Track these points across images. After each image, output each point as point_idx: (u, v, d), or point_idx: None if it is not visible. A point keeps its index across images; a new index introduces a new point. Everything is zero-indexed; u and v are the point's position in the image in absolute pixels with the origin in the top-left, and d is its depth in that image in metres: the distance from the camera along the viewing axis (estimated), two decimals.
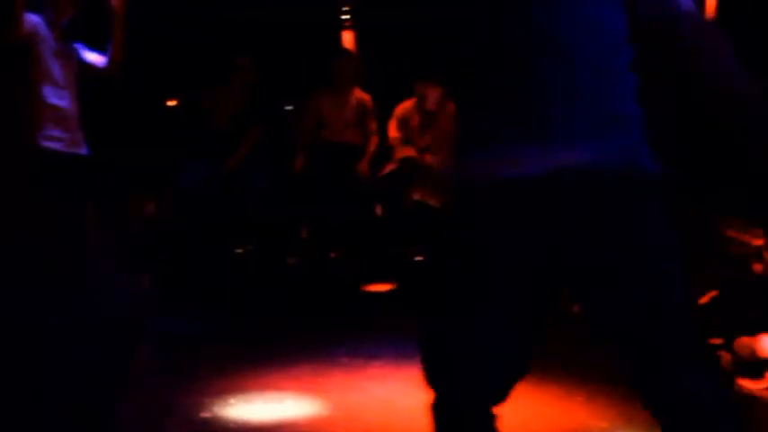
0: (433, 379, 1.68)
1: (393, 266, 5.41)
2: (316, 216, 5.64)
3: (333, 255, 5.54)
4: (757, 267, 4.03)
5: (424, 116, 5.74)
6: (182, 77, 6.59)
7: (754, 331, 3.85)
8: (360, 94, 5.83)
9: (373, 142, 5.82)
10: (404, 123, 5.79)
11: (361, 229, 5.60)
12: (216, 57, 6.01)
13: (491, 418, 1.67)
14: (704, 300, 4.18)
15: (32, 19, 3.86)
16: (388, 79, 6.37)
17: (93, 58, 4.12)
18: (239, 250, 5.74)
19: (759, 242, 3.90)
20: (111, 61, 4.09)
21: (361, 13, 7.40)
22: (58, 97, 3.93)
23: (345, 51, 6.72)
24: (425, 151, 5.66)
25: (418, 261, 5.37)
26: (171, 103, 7.05)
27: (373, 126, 5.84)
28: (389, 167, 5.69)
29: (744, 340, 3.83)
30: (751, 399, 3.63)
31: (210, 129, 5.61)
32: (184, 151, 5.69)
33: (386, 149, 5.81)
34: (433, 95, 5.72)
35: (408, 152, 5.67)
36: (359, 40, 7.30)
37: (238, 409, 3.18)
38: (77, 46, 4.11)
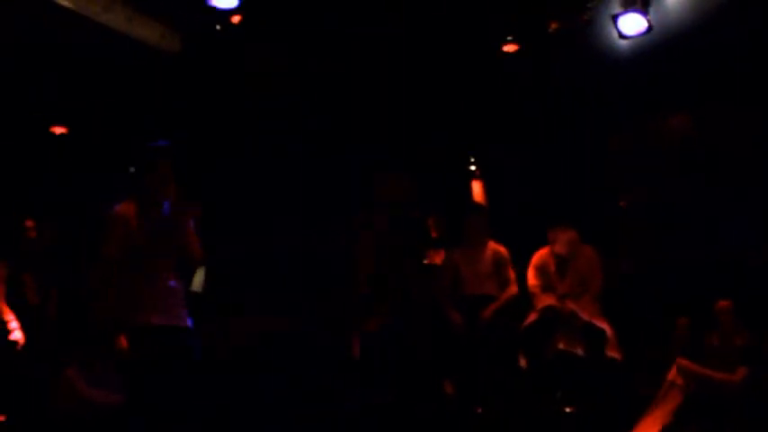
0: None
1: (542, 419, 5.24)
2: (461, 370, 5.58)
3: (479, 409, 5.43)
4: None
5: (560, 262, 5.69)
6: None
7: None
8: (494, 246, 5.87)
9: (510, 291, 5.76)
10: (541, 271, 5.75)
11: (506, 382, 5.49)
12: None
13: None
14: None
15: None
16: (521, 225, 6.43)
17: None
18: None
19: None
20: None
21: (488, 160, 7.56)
22: None
23: (476, 206, 6.82)
24: (565, 297, 5.59)
25: (568, 412, 5.18)
26: None
27: (511, 275, 5.81)
28: (532, 317, 5.62)
29: None
30: None
31: None
32: None
33: (527, 299, 5.75)
34: (563, 239, 5.68)
35: (549, 300, 5.59)
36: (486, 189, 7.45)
37: None
38: None
